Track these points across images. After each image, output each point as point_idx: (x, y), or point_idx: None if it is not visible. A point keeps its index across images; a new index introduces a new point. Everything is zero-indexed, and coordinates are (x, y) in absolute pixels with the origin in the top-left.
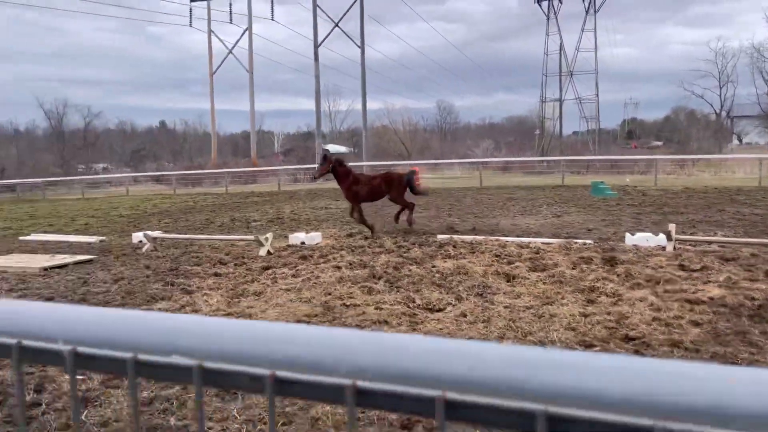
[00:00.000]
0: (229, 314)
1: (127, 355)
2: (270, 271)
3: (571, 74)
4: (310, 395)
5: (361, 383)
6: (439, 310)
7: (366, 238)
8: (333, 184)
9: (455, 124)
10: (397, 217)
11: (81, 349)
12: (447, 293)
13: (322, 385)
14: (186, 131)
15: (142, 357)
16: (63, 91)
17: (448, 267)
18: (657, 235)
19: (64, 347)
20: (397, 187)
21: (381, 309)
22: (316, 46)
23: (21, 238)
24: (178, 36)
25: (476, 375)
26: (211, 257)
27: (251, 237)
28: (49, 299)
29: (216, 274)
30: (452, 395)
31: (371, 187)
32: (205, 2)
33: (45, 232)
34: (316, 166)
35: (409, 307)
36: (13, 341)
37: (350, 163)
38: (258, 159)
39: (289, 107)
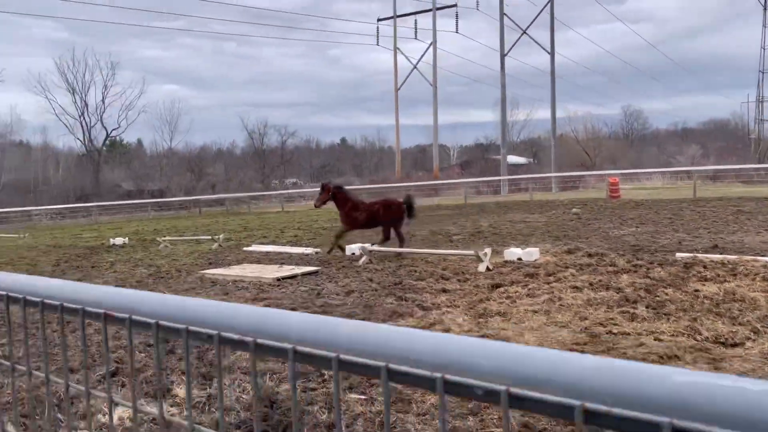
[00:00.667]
0: (484, 336)
1: (437, 375)
2: (501, 289)
3: None
4: None
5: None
6: (736, 345)
7: (590, 255)
8: (517, 196)
9: (643, 130)
10: (382, 242)
11: (392, 365)
12: (734, 324)
13: None
14: (365, 147)
15: (449, 377)
16: (255, 114)
17: (714, 291)
18: None
19: (379, 363)
20: (395, 213)
21: (660, 340)
22: (503, 54)
23: (244, 248)
24: (355, 56)
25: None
26: (429, 271)
27: (469, 252)
28: (292, 309)
29: (444, 290)
30: None
31: (369, 213)
32: (391, 20)
33: (262, 243)
34: (498, 178)
35: (696, 339)
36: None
37: (352, 186)
38: (407, 173)
39: (461, 120)
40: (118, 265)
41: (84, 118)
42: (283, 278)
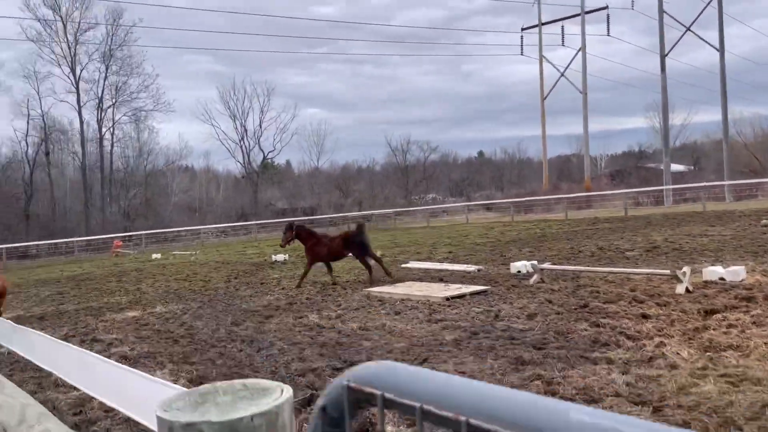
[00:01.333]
0: (723, 375)
1: None
2: (719, 316)
3: None
4: None
5: None
6: None
7: None
8: (685, 207)
9: None
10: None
11: None
12: None
13: None
14: (504, 159)
15: None
16: (392, 131)
17: None
18: None
19: None
20: (354, 245)
21: None
22: (663, 55)
23: (402, 265)
24: (490, 70)
25: None
26: (615, 293)
27: (662, 271)
28: (474, 333)
29: (644, 316)
30: None
31: (330, 247)
32: (535, 29)
33: (418, 259)
34: (661, 188)
35: None
36: None
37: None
38: (556, 184)
39: (606, 127)
40: (284, 282)
41: (243, 142)
42: (452, 297)
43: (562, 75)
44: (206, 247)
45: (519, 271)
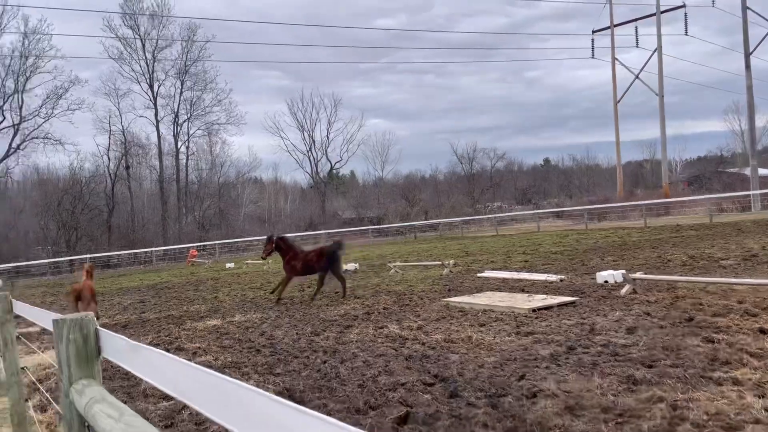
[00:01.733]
0: None
1: None
2: None
3: None
4: None
5: None
6: None
7: None
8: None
9: None
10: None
11: None
12: None
13: None
14: (572, 166)
15: None
16: (453, 141)
17: None
18: None
19: None
20: (327, 260)
21: None
22: (747, 53)
23: (478, 274)
24: (553, 76)
25: None
26: (722, 305)
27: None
28: (570, 348)
29: (762, 331)
30: None
31: (305, 261)
32: (606, 31)
33: (494, 269)
34: (748, 193)
35: None
36: None
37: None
38: (631, 191)
39: (681, 131)
40: (359, 291)
41: (311, 152)
42: (539, 309)
43: (637, 77)
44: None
45: (606, 281)
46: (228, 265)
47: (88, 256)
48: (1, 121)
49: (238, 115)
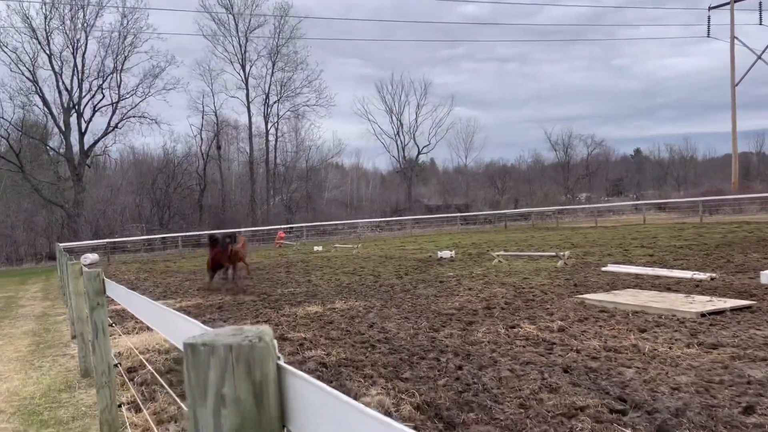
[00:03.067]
0: None
1: None
2: None
3: None
4: None
5: None
6: None
7: None
8: None
9: None
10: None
11: None
12: None
13: None
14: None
15: None
16: (536, 130)
17: None
18: None
19: None
20: (228, 256)
21: None
22: None
23: (603, 269)
24: (642, 65)
25: None
26: None
27: None
28: None
29: None
30: None
31: (210, 256)
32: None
33: (616, 263)
34: None
35: None
36: None
37: None
38: (751, 183)
39: None
40: (465, 281)
41: (399, 136)
42: (709, 314)
43: (759, 57)
44: (363, 241)
45: None
46: (316, 248)
47: (180, 234)
48: (101, 99)
49: (328, 96)
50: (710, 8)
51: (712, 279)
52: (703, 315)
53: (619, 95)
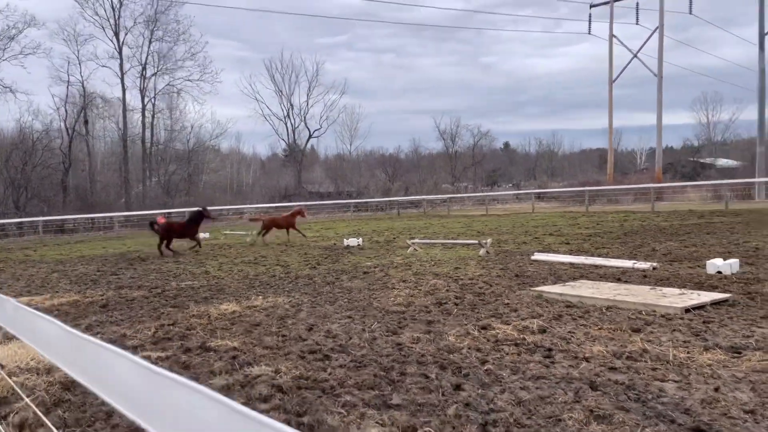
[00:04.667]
0: None
1: None
2: None
3: None
4: None
5: None
6: None
7: None
8: None
9: None
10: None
11: None
12: None
13: None
14: (539, 151)
15: None
16: (413, 121)
17: None
18: None
19: None
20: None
21: None
22: (763, 34)
23: (532, 258)
24: (508, 63)
25: None
26: None
27: None
28: None
29: None
30: None
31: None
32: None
33: (544, 251)
34: (753, 180)
35: None
36: None
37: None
38: (618, 175)
39: (638, 123)
40: (393, 272)
41: (289, 118)
42: (694, 309)
43: (635, 56)
44: (254, 227)
45: (720, 272)
46: (202, 235)
47: (41, 219)
48: None
49: (213, 72)
50: (592, 6)
51: (654, 269)
52: (687, 310)
53: (488, 90)
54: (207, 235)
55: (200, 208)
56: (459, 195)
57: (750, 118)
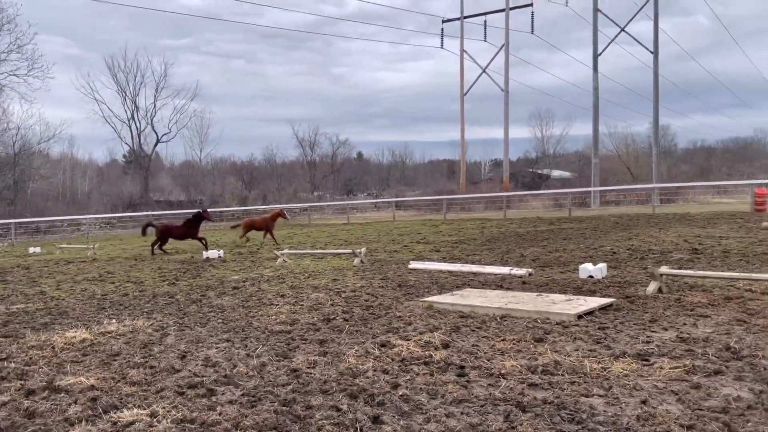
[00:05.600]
0: None
1: None
2: None
3: None
4: None
5: None
6: None
7: None
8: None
9: (670, 146)
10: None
11: None
12: None
13: None
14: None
15: None
16: (263, 131)
17: None
18: None
19: None
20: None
21: None
22: (596, 55)
23: (410, 266)
24: (356, 75)
25: None
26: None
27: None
28: None
29: None
30: None
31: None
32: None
33: (420, 259)
34: (589, 189)
35: None
36: None
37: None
38: (469, 185)
39: (480, 136)
40: (266, 286)
41: (134, 121)
42: (585, 314)
43: (484, 71)
44: (95, 240)
45: (591, 276)
46: (32, 249)
47: None
48: None
49: (45, 66)
50: (444, 21)
51: (530, 275)
52: (580, 317)
53: (340, 101)
54: (38, 249)
55: (200, 209)
56: (319, 204)
57: (577, 134)
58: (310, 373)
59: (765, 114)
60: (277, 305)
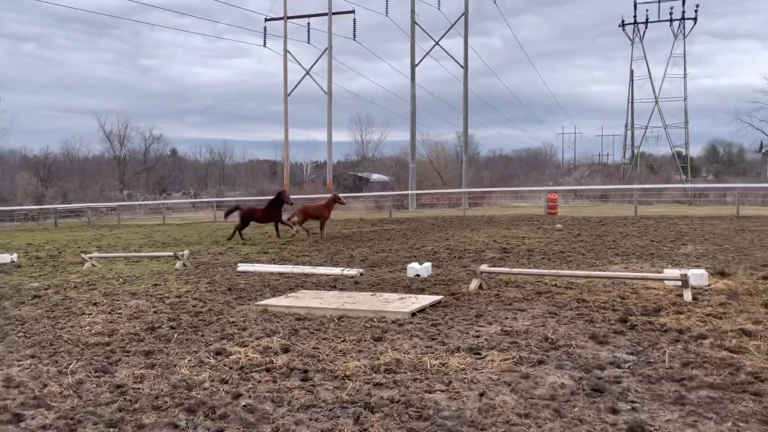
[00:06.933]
0: None
1: None
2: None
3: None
4: None
5: None
6: None
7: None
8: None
9: (475, 155)
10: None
11: None
12: None
13: None
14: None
15: None
16: (61, 122)
17: None
18: None
19: None
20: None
21: None
22: (414, 65)
23: (238, 269)
24: (168, 68)
25: None
26: (608, 300)
27: (663, 275)
28: (613, 378)
29: (744, 331)
30: None
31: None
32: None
33: (249, 261)
34: (406, 192)
35: None
36: None
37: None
38: (293, 186)
39: (300, 138)
40: (74, 294)
41: None
42: (418, 312)
43: (307, 72)
44: None
45: (418, 275)
46: None
47: None
48: None
49: None
50: (266, 20)
51: (361, 275)
52: (413, 314)
53: (150, 94)
54: None
55: (279, 191)
56: (130, 203)
57: (394, 140)
58: (138, 389)
59: (553, 129)
60: (90, 314)
